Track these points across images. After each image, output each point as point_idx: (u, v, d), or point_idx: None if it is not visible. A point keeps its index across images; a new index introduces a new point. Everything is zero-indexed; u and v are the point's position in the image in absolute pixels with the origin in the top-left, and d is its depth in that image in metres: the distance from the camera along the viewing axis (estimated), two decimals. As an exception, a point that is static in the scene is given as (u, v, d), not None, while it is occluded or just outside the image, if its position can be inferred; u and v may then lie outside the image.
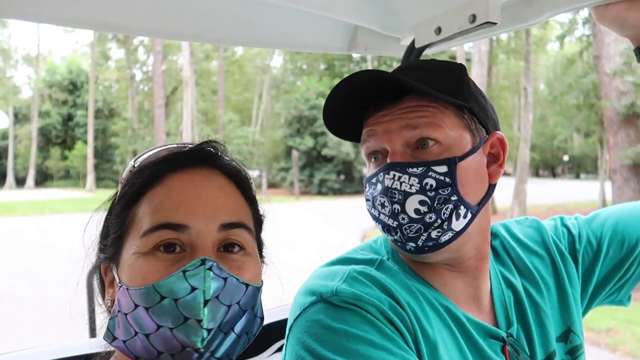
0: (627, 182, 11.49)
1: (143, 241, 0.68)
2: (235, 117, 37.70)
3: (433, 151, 0.84)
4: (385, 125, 0.87)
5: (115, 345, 0.70)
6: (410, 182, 0.83)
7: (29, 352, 1.23)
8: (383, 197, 0.85)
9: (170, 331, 0.64)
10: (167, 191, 0.71)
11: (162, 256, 0.68)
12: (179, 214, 0.69)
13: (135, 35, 2.25)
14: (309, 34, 1.43)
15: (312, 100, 29.53)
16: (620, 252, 1.01)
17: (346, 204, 23.63)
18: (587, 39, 16.83)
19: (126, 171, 0.78)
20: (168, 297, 0.64)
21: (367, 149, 0.91)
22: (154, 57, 29.54)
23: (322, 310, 0.82)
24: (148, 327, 0.65)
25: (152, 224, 0.69)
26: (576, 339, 0.99)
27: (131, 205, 0.73)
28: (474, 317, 0.90)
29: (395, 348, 0.77)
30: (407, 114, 0.85)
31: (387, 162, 0.85)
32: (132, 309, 0.66)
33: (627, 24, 0.93)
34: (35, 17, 1.13)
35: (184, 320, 0.64)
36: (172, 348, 0.64)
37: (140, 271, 0.67)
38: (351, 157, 28.45)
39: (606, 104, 11.85)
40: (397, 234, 0.85)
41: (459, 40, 1.25)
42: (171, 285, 0.65)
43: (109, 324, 0.70)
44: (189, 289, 0.64)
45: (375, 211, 0.88)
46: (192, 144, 0.79)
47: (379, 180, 0.86)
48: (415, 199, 0.83)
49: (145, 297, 0.65)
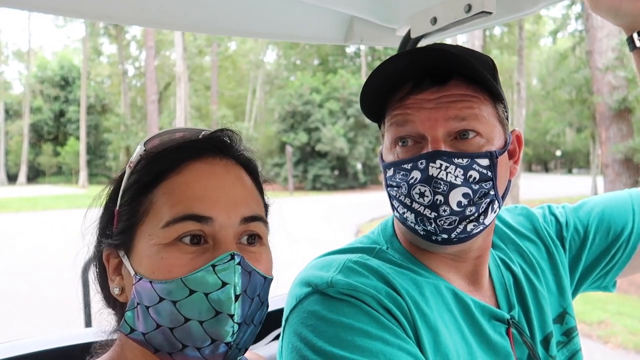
0: (619, 176, 11.59)
1: (165, 232, 0.67)
2: (229, 112, 37.57)
3: (474, 143, 0.83)
4: (430, 113, 0.82)
5: (133, 337, 0.68)
6: (455, 172, 0.80)
7: (25, 342, 1.22)
8: (424, 186, 0.81)
9: (199, 324, 0.64)
10: (188, 180, 0.70)
11: (186, 248, 0.67)
12: (204, 205, 0.68)
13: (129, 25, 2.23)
14: (305, 24, 1.43)
15: (305, 95, 29.46)
16: (606, 239, 1.04)
17: (340, 199, 23.65)
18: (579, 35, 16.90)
19: (136, 155, 0.75)
20: (198, 291, 0.64)
21: (397, 132, 0.86)
22: (147, 53, 29.32)
23: (317, 301, 0.82)
24: (175, 320, 0.65)
25: (176, 215, 0.67)
26: (571, 320, 1.01)
27: (146, 192, 0.71)
28: (479, 300, 0.91)
29: (392, 338, 0.77)
30: (455, 103, 0.82)
31: (431, 150, 0.81)
32: (156, 301, 0.65)
33: (620, 12, 0.94)
34: (27, 5, 1.12)
35: (215, 314, 0.64)
36: (199, 341, 0.65)
37: (164, 263, 0.66)
38: (345, 153, 28.44)
39: (598, 99, 11.93)
40: (431, 225, 0.83)
41: (455, 30, 1.26)
42: (201, 280, 0.65)
43: (126, 315, 0.68)
44: (220, 284, 0.65)
45: (408, 199, 0.84)
46: (206, 129, 0.78)
47: (418, 168, 0.82)
48: (460, 191, 0.81)
49: (174, 290, 0.65)
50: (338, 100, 29.66)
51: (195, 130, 0.78)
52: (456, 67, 0.83)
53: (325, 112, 29.08)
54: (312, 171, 29.37)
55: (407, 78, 0.85)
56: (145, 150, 0.74)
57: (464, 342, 0.85)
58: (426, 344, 0.81)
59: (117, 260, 0.73)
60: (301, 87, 30.30)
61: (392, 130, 0.87)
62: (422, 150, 0.84)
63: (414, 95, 0.84)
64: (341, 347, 0.75)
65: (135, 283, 0.68)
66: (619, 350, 5.12)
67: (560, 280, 1.02)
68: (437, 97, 0.83)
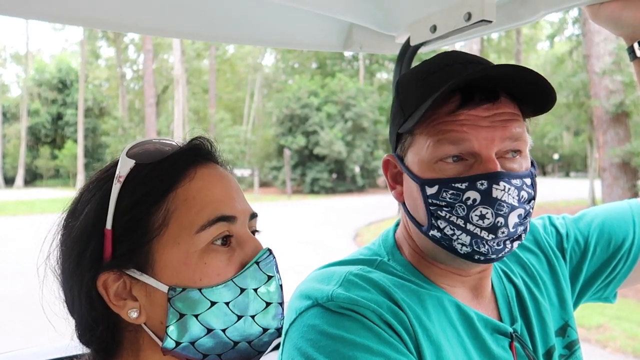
0: (617, 180, 11.61)
1: (199, 237, 0.67)
2: (227, 116, 37.53)
3: (518, 162, 0.82)
4: (487, 132, 0.79)
5: (178, 351, 0.67)
6: (513, 194, 0.79)
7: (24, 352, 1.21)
8: (487, 208, 0.78)
9: (251, 319, 0.69)
10: (202, 186, 0.70)
11: (221, 249, 0.69)
12: (227, 206, 0.71)
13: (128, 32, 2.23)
14: (304, 31, 1.43)
15: (303, 99, 29.49)
16: (607, 251, 1.03)
17: (338, 202, 23.64)
18: (576, 39, 16.98)
19: (124, 168, 0.70)
20: (247, 288, 0.68)
21: (449, 150, 0.80)
22: (145, 56, 29.34)
23: (318, 314, 0.81)
24: (228, 320, 0.67)
25: (209, 218, 0.68)
26: (573, 333, 1.00)
27: (159, 203, 0.68)
28: (482, 313, 0.90)
29: (393, 353, 0.76)
30: (509, 122, 0.80)
31: (493, 171, 0.78)
32: (207, 307, 0.66)
33: (621, 22, 0.94)
34: (25, 13, 1.11)
35: (266, 306, 0.70)
36: (251, 335, 0.69)
37: (211, 268, 0.68)
38: (343, 156, 28.45)
39: (596, 103, 11.96)
40: (485, 247, 0.80)
41: (454, 38, 1.25)
42: (250, 277, 0.69)
43: (169, 331, 0.67)
44: (266, 278, 0.70)
45: (461, 220, 0.80)
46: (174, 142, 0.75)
47: (477, 188, 0.78)
48: (516, 213, 0.79)
49: (226, 292, 0.67)
50: (336, 103, 29.69)
51: (166, 140, 0.76)
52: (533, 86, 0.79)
53: (323, 115, 29.10)
54: (310, 174, 29.38)
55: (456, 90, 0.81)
56: (136, 163, 0.70)
57: (467, 357, 0.84)
58: (428, 358, 0.80)
59: (119, 282, 0.68)
60: (299, 90, 30.33)
61: (441, 147, 0.81)
62: (471, 169, 0.80)
63: (466, 110, 0.80)
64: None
65: (175, 296, 0.66)
66: (618, 355, 5.12)
67: (561, 293, 1.01)
68: (490, 114, 0.80)
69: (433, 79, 0.84)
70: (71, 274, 0.70)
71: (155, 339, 0.69)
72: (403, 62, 1.33)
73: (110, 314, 0.69)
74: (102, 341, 0.70)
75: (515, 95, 0.83)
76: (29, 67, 44.36)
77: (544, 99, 0.81)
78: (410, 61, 1.33)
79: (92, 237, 0.68)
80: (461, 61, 0.85)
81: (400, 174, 0.93)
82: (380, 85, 36.50)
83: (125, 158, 0.71)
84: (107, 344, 0.71)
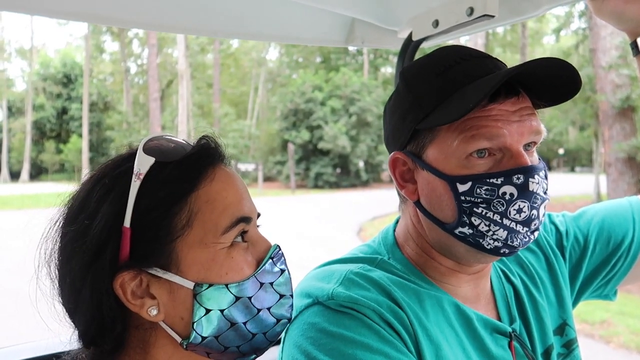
0: (622, 175, 11.55)
1: (225, 237, 0.71)
2: (231, 110, 37.54)
3: (534, 154, 0.84)
4: (518, 126, 0.80)
5: (204, 345, 0.70)
6: (543, 186, 0.81)
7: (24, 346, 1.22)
8: (524, 202, 0.78)
9: (267, 311, 0.73)
10: (223, 187, 0.73)
11: (243, 245, 0.74)
12: (244, 207, 0.74)
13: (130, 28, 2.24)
14: (306, 27, 1.43)
15: (308, 93, 29.43)
16: (607, 248, 1.03)
17: (342, 197, 23.64)
18: (583, 32, 16.84)
19: (143, 166, 0.68)
20: (265, 282, 0.73)
21: (479, 145, 0.79)
22: (149, 50, 29.33)
23: (318, 313, 0.82)
24: (249, 313, 0.71)
25: (231, 220, 0.71)
26: (571, 332, 1.00)
27: (181, 203, 0.69)
28: (481, 313, 0.90)
29: (393, 352, 0.76)
30: (531, 115, 0.82)
31: (525, 165, 0.79)
32: (232, 302, 0.70)
33: (624, 17, 0.93)
34: (29, 9, 1.11)
35: (280, 298, 0.74)
36: (267, 326, 0.73)
37: (236, 263, 0.71)
38: (347, 151, 28.42)
39: (601, 98, 11.88)
40: (517, 240, 0.81)
41: (457, 33, 1.25)
42: (267, 272, 0.73)
43: (195, 327, 0.69)
44: (279, 272, 0.75)
45: (498, 216, 0.79)
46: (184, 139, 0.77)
47: (513, 183, 0.78)
48: (545, 204, 0.82)
49: (249, 287, 0.71)
50: (340, 98, 29.63)
51: (174, 137, 0.76)
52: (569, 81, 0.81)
53: (327, 110, 29.06)
54: (314, 169, 29.37)
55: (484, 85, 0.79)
56: (156, 161, 0.69)
57: (465, 357, 0.84)
58: (427, 358, 0.80)
59: (137, 280, 0.68)
60: (303, 85, 30.28)
61: (474, 142, 0.79)
62: (501, 163, 0.80)
63: (496, 105, 0.79)
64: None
65: (202, 292, 0.69)
66: (621, 350, 5.11)
67: (560, 291, 1.01)
68: (517, 109, 0.80)
69: (454, 73, 0.83)
70: (84, 273, 0.67)
71: (174, 335, 0.70)
72: (405, 57, 1.33)
73: (123, 313, 0.69)
74: (113, 340, 0.70)
75: (531, 88, 0.83)
76: (33, 62, 44.50)
77: (570, 87, 0.82)
78: (413, 56, 1.33)
79: (110, 236, 0.66)
80: (475, 55, 0.86)
81: (410, 172, 0.89)
82: (385, 79, 36.40)
83: (144, 155, 0.69)
84: (118, 343, 0.71)
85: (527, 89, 0.83)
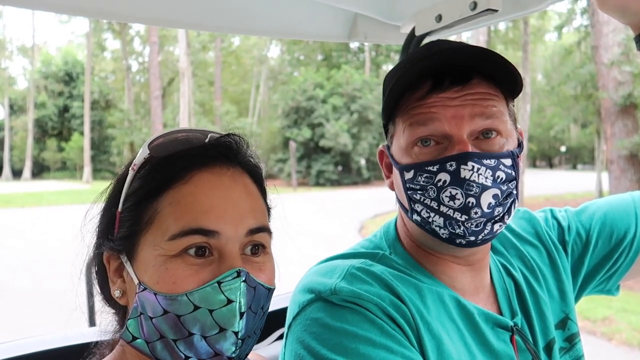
0: (624, 172, 11.53)
1: (170, 244, 0.66)
2: (233, 108, 37.53)
3: (496, 142, 0.82)
4: (455, 111, 0.80)
5: (135, 345, 0.68)
6: (485, 174, 0.79)
7: (28, 341, 1.23)
8: (456, 188, 0.79)
9: (203, 339, 0.65)
10: (194, 191, 0.68)
11: (191, 260, 0.66)
12: (210, 219, 0.67)
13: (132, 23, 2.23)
14: (309, 22, 1.42)
15: (309, 91, 29.39)
16: (609, 243, 1.03)
17: (343, 195, 23.63)
18: (585, 30, 16.78)
19: (139, 158, 0.72)
20: (202, 307, 0.64)
21: (419, 132, 0.82)
22: (150, 48, 29.30)
23: (321, 308, 0.82)
24: (178, 333, 0.65)
25: (182, 228, 0.66)
26: (573, 326, 1.00)
27: (150, 200, 0.69)
28: (482, 307, 0.90)
29: (395, 346, 0.77)
30: (480, 100, 0.81)
31: (462, 152, 0.79)
32: (160, 314, 0.65)
33: (628, 11, 0.92)
34: (31, 4, 1.11)
35: (220, 331, 0.64)
36: (202, 354, 0.65)
37: (169, 275, 0.66)
38: (349, 149, 28.38)
39: (604, 95, 11.85)
40: (460, 228, 0.80)
41: (460, 28, 1.25)
42: (206, 296, 0.64)
43: (128, 323, 0.68)
44: (225, 301, 0.65)
45: (434, 202, 0.81)
46: (213, 132, 0.76)
47: (447, 170, 0.80)
48: (490, 193, 0.79)
49: (178, 305, 0.64)
50: (342, 95, 29.58)
51: (200, 131, 0.75)
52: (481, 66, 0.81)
53: (328, 107, 29.01)
54: (316, 167, 29.35)
55: (426, 77, 0.83)
56: (150, 154, 0.72)
57: (467, 351, 0.84)
58: (429, 352, 0.80)
59: (117, 262, 0.73)
60: (305, 82, 30.23)
61: (413, 130, 0.83)
62: (445, 151, 0.81)
63: (435, 94, 0.82)
64: (345, 355, 0.75)
65: (139, 292, 0.67)
66: (624, 347, 5.11)
67: (562, 286, 1.00)
68: (460, 95, 0.81)
69: (413, 69, 0.84)
70: (96, 245, 0.76)
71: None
72: (408, 52, 1.33)
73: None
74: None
75: (489, 76, 0.83)
76: (35, 60, 44.49)
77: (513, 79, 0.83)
78: (415, 51, 1.32)
79: (105, 215, 0.75)
80: (445, 47, 0.85)
81: (390, 164, 0.94)
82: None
83: (145, 147, 0.72)
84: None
85: (493, 78, 0.83)
